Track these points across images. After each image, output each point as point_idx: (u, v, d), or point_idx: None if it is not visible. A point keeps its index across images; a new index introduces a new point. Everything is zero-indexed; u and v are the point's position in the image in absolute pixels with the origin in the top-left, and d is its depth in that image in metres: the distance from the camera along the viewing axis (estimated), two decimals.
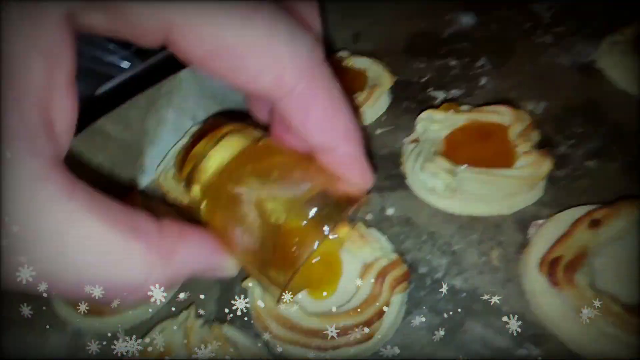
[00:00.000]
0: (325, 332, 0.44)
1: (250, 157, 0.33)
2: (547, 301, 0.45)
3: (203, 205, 0.34)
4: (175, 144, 0.64)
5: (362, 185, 0.34)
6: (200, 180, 0.33)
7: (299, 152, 0.34)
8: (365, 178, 0.34)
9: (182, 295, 0.49)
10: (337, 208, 0.31)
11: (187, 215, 0.32)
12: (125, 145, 0.61)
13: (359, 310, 0.45)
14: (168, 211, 0.57)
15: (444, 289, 0.50)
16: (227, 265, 0.32)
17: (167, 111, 0.65)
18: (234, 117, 0.38)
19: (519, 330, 0.46)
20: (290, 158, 0.33)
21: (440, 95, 0.68)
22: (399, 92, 0.69)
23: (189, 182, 0.35)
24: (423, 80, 0.71)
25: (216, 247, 0.31)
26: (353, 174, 0.33)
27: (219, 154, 0.33)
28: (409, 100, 0.68)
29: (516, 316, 0.47)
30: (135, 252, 0.25)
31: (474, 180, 0.52)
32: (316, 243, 0.29)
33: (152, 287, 0.27)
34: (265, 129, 0.36)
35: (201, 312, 0.52)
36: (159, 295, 0.27)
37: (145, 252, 0.26)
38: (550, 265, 0.45)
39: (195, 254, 0.29)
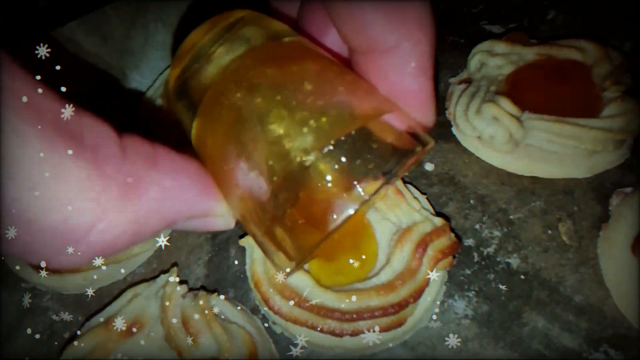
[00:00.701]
0: (342, 312, 0.34)
1: (271, 56, 0.22)
2: (639, 293, 0.34)
3: (195, 124, 0.22)
4: (165, 70, 0.52)
5: (424, 117, 0.23)
6: (196, 84, 0.22)
7: (341, 60, 0.24)
8: (427, 107, 0.23)
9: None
10: (391, 155, 0.20)
11: None
12: (102, 64, 0.49)
13: (389, 287, 0.34)
14: None
15: (497, 268, 0.39)
16: (220, 213, 0.22)
17: (156, 27, 0.52)
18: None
19: (595, 328, 0.35)
20: (329, 67, 0.22)
21: (495, 30, 0.55)
22: (443, 24, 0.56)
23: (180, 89, 0.23)
24: (475, 10, 0.57)
25: (206, 185, 0.21)
26: (414, 91, 0.22)
27: (227, 50, 0.22)
28: (456, 35, 0.55)
29: (592, 309, 0.36)
30: (79, 180, 0.16)
31: (545, 131, 0.40)
32: (355, 206, 0.19)
33: (100, 242, 0.17)
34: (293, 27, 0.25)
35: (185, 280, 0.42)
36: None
37: (96, 181, 0.16)
38: None
39: (175, 193, 0.19)
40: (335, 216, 0.19)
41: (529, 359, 0.35)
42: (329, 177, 0.19)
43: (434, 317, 0.37)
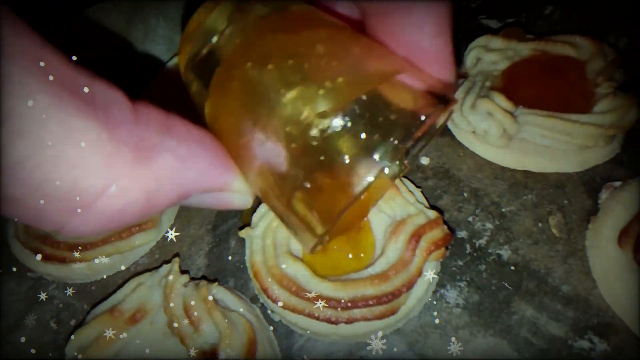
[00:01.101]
0: (338, 300, 0.35)
1: (279, 25, 0.20)
2: (624, 284, 0.35)
3: (207, 102, 0.21)
4: (167, 62, 0.53)
5: (445, 78, 0.22)
6: (207, 63, 0.21)
7: (353, 24, 0.22)
8: (448, 67, 0.21)
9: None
10: (413, 114, 0.19)
11: None
12: (102, 58, 0.49)
13: (383, 277, 0.35)
14: None
15: (488, 259, 0.40)
16: (237, 188, 0.20)
17: (156, 21, 0.53)
18: None
19: (581, 317, 0.37)
20: (340, 30, 0.21)
21: (493, 24, 0.55)
22: None
23: (192, 70, 0.22)
24: (473, 5, 0.57)
25: (223, 157, 0.20)
26: (432, 52, 0.21)
27: (235, 25, 0.21)
28: (453, 29, 0.56)
29: (579, 299, 0.37)
30: (89, 141, 0.15)
31: (537, 126, 0.41)
32: (380, 165, 0.17)
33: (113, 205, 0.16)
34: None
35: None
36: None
37: (107, 143, 0.16)
38: (636, 240, 0.35)
39: (190, 162, 0.18)
40: (360, 178, 0.17)
41: (517, 345, 0.36)
42: (350, 138, 0.18)
43: (427, 306, 0.38)
